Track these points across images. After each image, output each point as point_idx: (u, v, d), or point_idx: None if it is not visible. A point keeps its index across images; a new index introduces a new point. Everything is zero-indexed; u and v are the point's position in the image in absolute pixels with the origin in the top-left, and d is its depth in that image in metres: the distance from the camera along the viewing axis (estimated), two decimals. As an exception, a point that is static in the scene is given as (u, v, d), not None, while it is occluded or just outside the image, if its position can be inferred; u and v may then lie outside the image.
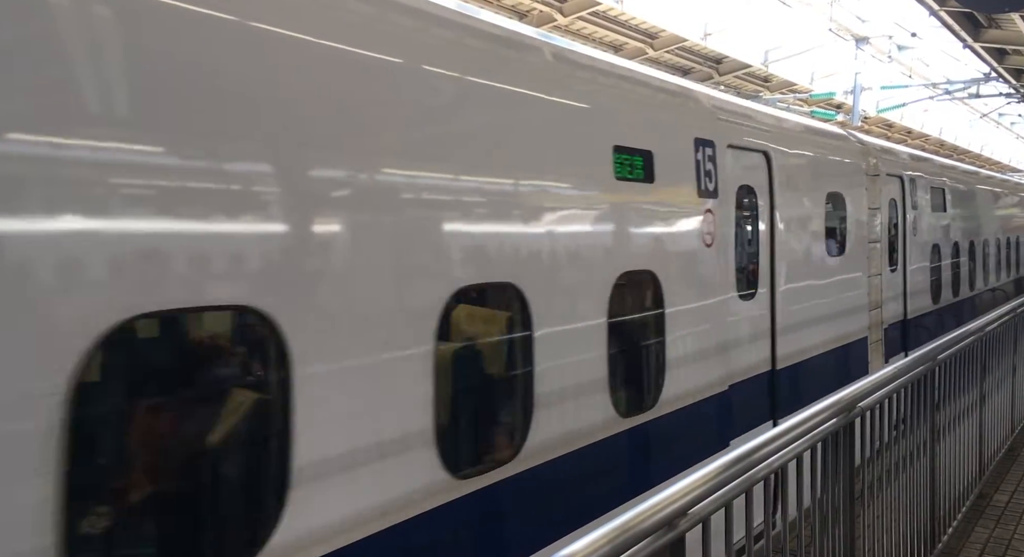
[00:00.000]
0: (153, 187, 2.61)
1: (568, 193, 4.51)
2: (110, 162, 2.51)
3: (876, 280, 9.07)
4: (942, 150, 38.09)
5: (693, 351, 5.62)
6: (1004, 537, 5.59)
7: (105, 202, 2.49)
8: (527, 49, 4.55)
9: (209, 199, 2.73)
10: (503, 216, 3.98)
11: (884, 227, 9.34)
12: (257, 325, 2.84)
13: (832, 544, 3.57)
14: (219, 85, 2.78)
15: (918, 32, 24.37)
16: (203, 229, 2.73)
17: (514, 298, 3.97)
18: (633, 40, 22.41)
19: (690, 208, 5.66)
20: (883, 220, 9.29)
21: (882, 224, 9.26)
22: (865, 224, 8.84)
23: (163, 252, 2.60)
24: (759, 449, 2.87)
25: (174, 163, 2.64)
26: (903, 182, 10.07)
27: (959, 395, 5.57)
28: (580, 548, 1.97)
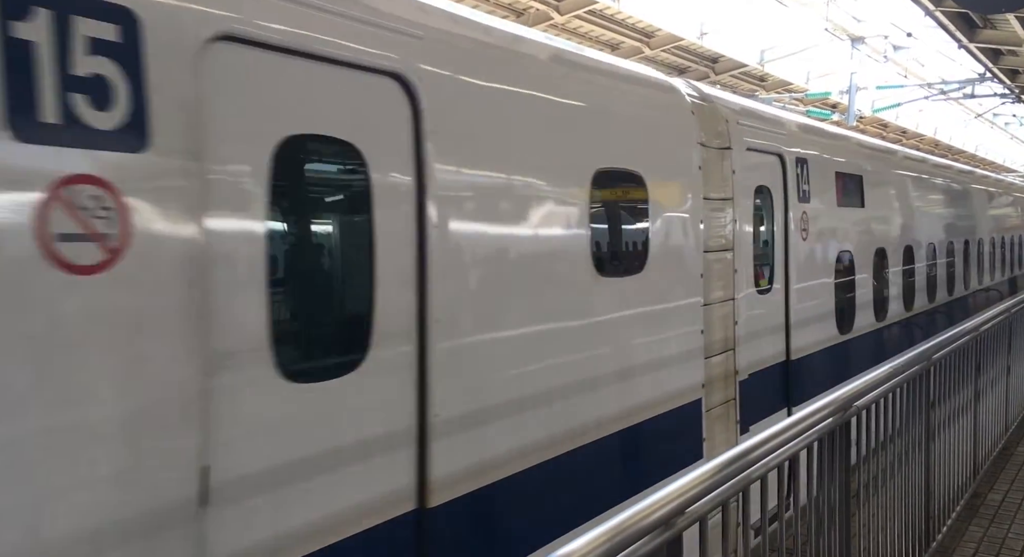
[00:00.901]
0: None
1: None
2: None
3: (723, 309, 6.03)
4: (936, 150, 38.18)
5: None
6: (998, 536, 5.61)
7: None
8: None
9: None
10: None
11: (744, 228, 6.34)
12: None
13: (828, 542, 3.58)
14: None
15: (913, 32, 24.44)
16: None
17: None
18: (629, 39, 22.43)
19: None
20: (740, 218, 6.25)
21: (739, 224, 6.23)
22: (698, 224, 5.72)
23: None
24: (756, 448, 2.87)
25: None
26: (784, 164, 7.08)
27: (953, 394, 5.59)
28: (578, 547, 1.98)
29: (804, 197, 7.47)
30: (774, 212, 7.06)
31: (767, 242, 7.04)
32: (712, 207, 5.94)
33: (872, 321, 9.22)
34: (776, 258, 7.08)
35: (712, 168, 5.99)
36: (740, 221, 6.30)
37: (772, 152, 7.00)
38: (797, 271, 7.26)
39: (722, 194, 6.12)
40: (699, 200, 5.77)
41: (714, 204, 5.99)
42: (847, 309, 8.51)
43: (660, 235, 5.36)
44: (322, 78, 3.22)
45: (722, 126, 6.19)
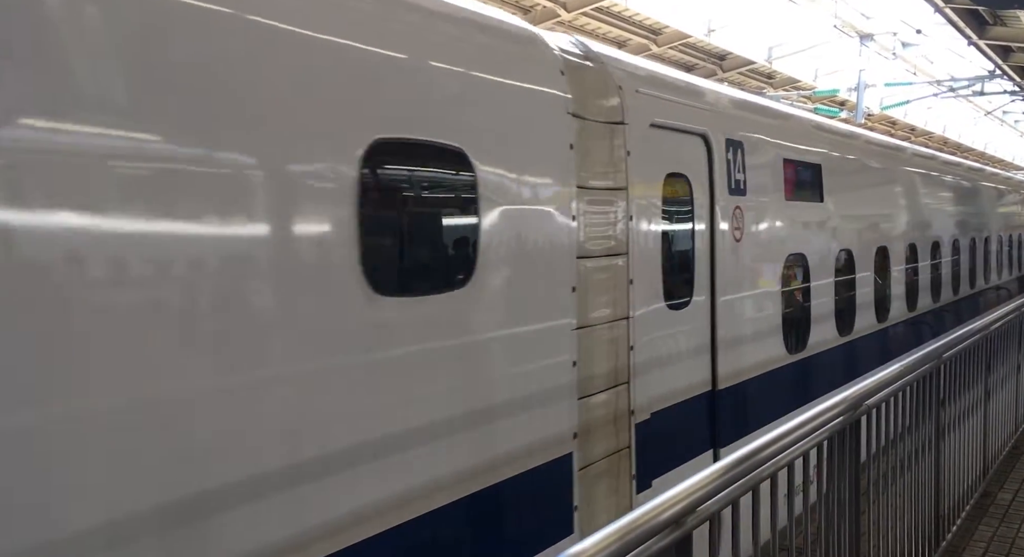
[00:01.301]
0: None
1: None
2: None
3: (612, 331, 4.69)
4: (945, 147, 38.03)
5: None
6: (1008, 536, 5.59)
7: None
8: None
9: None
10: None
11: (646, 226, 5.01)
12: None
13: (838, 541, 3.57)
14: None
15: (923, 29, 24.32)
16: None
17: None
18: (637, 36, 22.39)
19: None
20: (640, 213, 4.92)
21: (638, 220, 4.89)
22: (568, 220, 4.38)
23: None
24: (766, 447, 2.86)
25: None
26: (709, 146, 5.72)
27: (963, 393, 5.56)
28: (589, 546, 1.97)
29: (738, 188, 6.02)
30: (695, 206, 5.58)
31: (684, 244, 5.56)
32: (593, 199, 4.52)
33: (835, 335, 7.83)
34: (698, 264, 5.61)
35: (593, 148, 4.57)
36: (639, 217, 4.88)
37: (692, 131, 5.57)
38: (727, 279, 5.84)
39: (609, 182, 4.68)
40: (570, 189, 4.32)
41: (596, 195, 4.56)
42: (800, 323, 7.16)
43: (497, 235, 3.85)
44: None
45: (613, 94, 4.80)
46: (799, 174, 7.24)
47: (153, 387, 2.48)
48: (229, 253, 2.72)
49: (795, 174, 7.13)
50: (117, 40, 2.47)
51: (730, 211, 5.93)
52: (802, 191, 7.29)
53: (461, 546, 3.69)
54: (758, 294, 6.44)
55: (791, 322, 6.94)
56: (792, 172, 7.06)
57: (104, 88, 2.42)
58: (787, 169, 6.96)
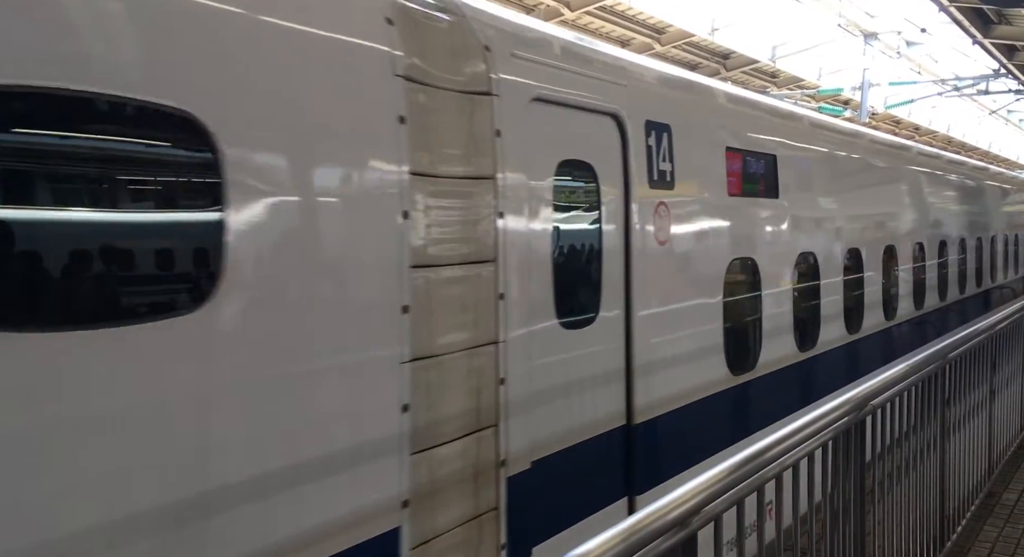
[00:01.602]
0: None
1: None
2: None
3: (471, 361, 3.73)
4: (950, 147, 37.96)
5: None
6: (1013, 536, 5.57)
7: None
8: None
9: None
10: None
11: (527, 226, 4.08)
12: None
13: (843, 540, 3.56)
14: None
15: (928, 28, 24.27)
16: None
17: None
18: (640, 35, 22.37)
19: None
20: (518, 209, 4.00)
21: (513, 219, 3.96)
22: (394, 217, 3.40)
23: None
24: (771, 448, 2.85)
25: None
26: (623, 129, 4.76)
27: (968, 393, 5.55)
28: (594, 547, 1.96)
29: (662, 181, 5.08)
30: (603, 202, 4.59)
31: (586, 248, 4.61)
32: (439, 190, 3.50)
33: (793, 351, 6.86)
34: (607, 271, 4.61)
35: (442, 124, 3.55)
36: (516, 214, 3.92)
37: (598, 110, 4.60)
38: (648, 290, 4.89)
39: (468, 169, 3.67)
40: (397, 176, 3.29)
41: (445, 185, 3.54)
42: (748, 339, 6.24)
43: (260, 238, 2.84)
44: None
45: (476, 57, 3.81)
46: (748, 166, 6.21)
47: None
48: None
49: (742, 166, 6.12)
50: None
51: (652, 208, 4.97)
52: (752, 186, 6.27)
53: None
54: (691, 307, 5.44)
55: (736, 338, 5.97)
56: (738, 163, 6.05)
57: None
58: (731, 160, 5.95)
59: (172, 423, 2.54)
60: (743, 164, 6.15)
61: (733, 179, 5.98)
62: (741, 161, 6.12)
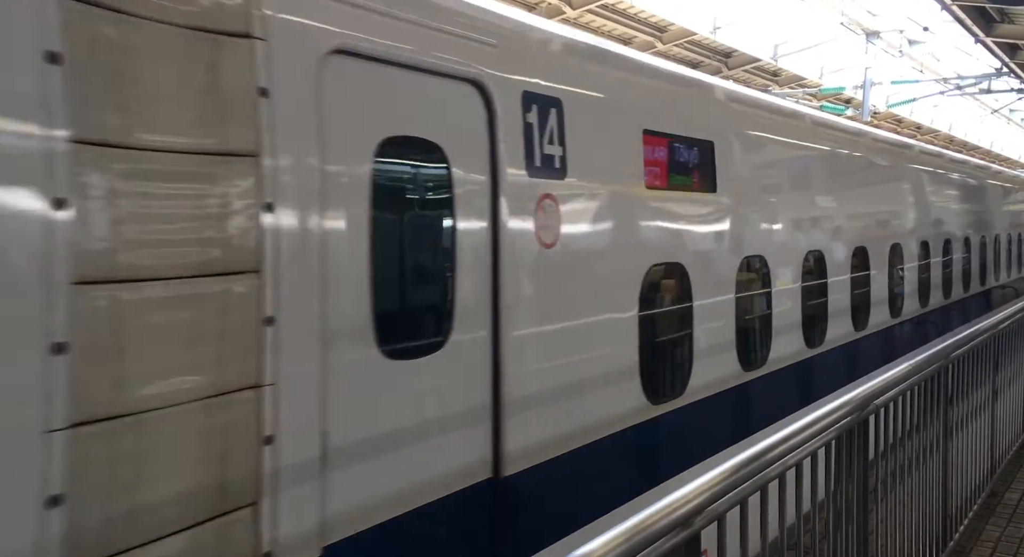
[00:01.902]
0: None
1: None
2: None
3: (211, 418, 2.65)
4: (951, 146, 37.93)
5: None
6: (1016, 536, 5.56)
7: None
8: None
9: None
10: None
11: (307, 223, 3.03)
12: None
13: (846, 539, 3.55)
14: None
15: (930, 26, 24.24)
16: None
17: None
18: (642, 34, 22.35)
19: None
20: (286, 200, 2.93)
21: (282, 213, 2.90)
22: (27, 205, 2.25)
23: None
24: (774, 447, 2.84)
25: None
26: (489, 100, 3.85)
27: (971, 392, 5.53)
28: (596, 547, 1.95)
29: (548, 169, 4.12)
30: (456, 194, 3.60)
31: (430, 251, 3.70)
32: (140, 169, 2.53)
33: (734, 370, 5.82)
34: (463, 283, 3.64)
35: (147, 72, 2.57)
36: (301, 208, 2.98)
37: (450, 74, 3.62)
38: (527, 304, 3.96)
39: (203, 140, 2.70)
40: (46, 144, 2.29)
41: (153, 162, 2.56)
42: (676, 359, 5.32)
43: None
44: None
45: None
46: (675, 154, 5.21)
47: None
48: None
49: (668, 153, 5.14)
50: None
51: (533, 201, 4.02)
52: (681, 178, 5.30)
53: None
54: (592, 324, 4.45)
55: (657, 359, 5.10)
56: (661, 150, 5.08)
57: None
58: (651, 146, 4.99)
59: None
60: (669, 152, 5.16)
61: (654, 169, 5.02)
62: (666, 148, 5.14)
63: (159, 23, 2.58)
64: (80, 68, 2.35)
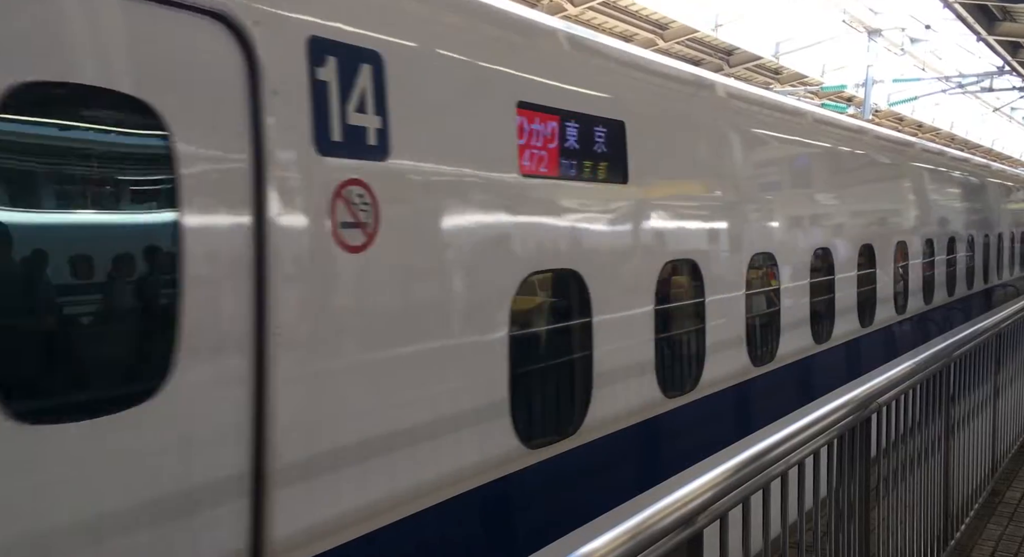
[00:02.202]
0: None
1: None
2: None
3: None
4: (952, 144, 37.90)
5: None
6: (1017, 534, 5.56)
7: None
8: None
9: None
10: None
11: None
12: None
13: (847, 537, 3.55)
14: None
15: (932, 24, 24.21)
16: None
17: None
18: (643, 31, 22.31)
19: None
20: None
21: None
22: None
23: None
24: (777, 446, 2.84)
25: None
26: (249, 45, 2.80)
27: (973, 391, 5.53)
28: (600, 545, 1.95)
29: (355, 145, 3.20)
30: (181, 177, 2.66)
31: (125, 262, 2.68)
32: None
33: (650, 398, 4.84)
34: (194, 304, 2.68)
35: None
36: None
37: (180, 2, 2.68)
38: (318, 330, 3.06)
39: None
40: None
41: None
42: (566, 388, 4.35)
43: None
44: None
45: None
46: (568, 135, 4.23)
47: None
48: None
49: (557, 134, 4.15)
50: None
51: (329, 190, 3.07)
52: (575, 163, 4.31)
53: None
54: (436, 352, 3.47)
55: (537, 389, 4.15)
56: (547, 129, 4.10)
57: None
58: (533, 123, 4.02)
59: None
60: (559, 131, 4.15)
61: (536, 152, 4.03)
62: (556, 127, 4.14)
63: None
64: None
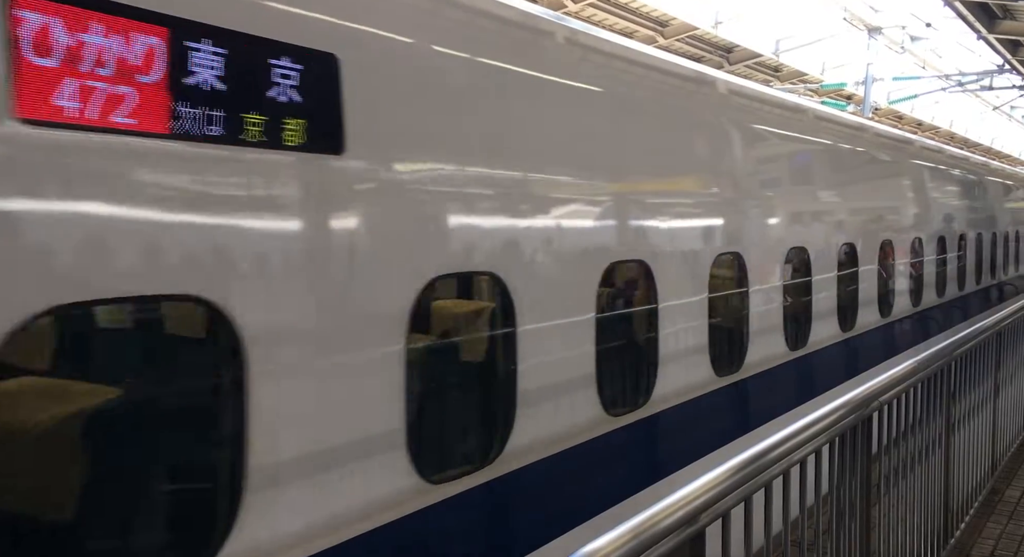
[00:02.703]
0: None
1: None
2: None
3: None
4: (952, 142, 37.89)
5: None
6: (1017, 533, 5.56)
7: None
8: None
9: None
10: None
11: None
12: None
13: (848, 535, 3.56)
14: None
15: (932, 23, 24.19)
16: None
17: None
18: (644, 28, 22.29)
19: None
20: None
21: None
22: None
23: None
24: (778, 446, 2.84)
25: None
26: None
27: (973, 390, 5.53)
28: (603, 544, 1.95)
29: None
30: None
31: None
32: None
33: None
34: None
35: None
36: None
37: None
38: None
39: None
40: None
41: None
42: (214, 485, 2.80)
43: None
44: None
45: None
46: (197, 62, 2.64)
47: None
48: None
49: (166, 59, 2.55)
50: None
51: None
52: (212, 117, 2.69)
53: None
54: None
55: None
56: (128, 47, 2.46)
57: None
58: (70, 31, 2.33)
59: None
60: (171, 56, 2.57)
61: (106, 89, 2.42)
62: (154, 47, 2.53)
63: None
64: None
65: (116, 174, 2.48)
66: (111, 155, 2.46)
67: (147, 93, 2.51)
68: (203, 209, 2.69)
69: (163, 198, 2.60)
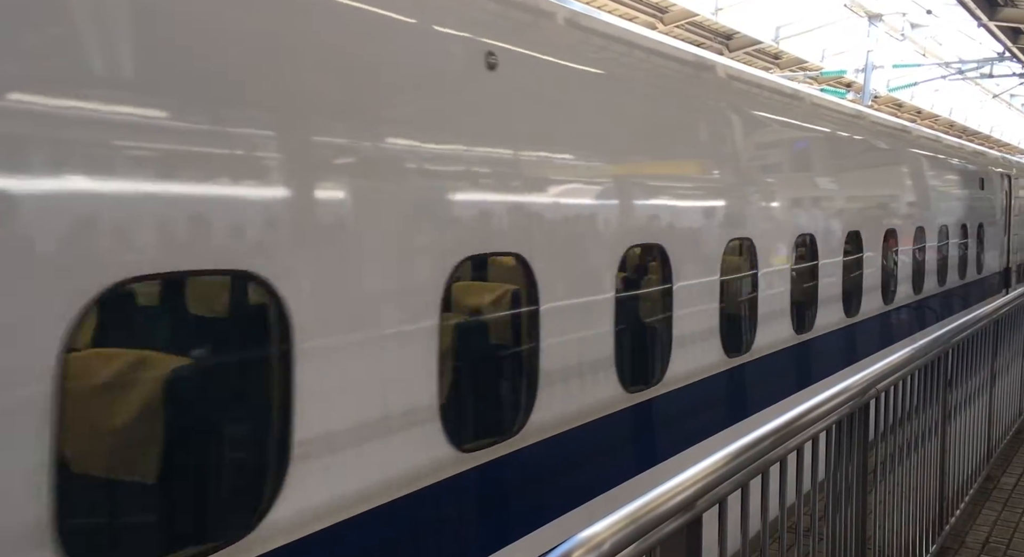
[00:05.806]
0: None
1: None
2: None
3: None
4: (951, 131, 37.83)
5: None
6: (1011, 520, 5.60)
7: None
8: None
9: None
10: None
11: None
12: None
13: (844, 521, 3.58)
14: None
15: (933, 10, 24.09)
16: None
17: None
18: (643, 14, 22.19)
19: None
20: None
21: None
22: None
23: None
24: (775, 433, 2.85)
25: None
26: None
27: (969, 377, 5.55)
28: (600, 530, 1.96)
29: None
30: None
31: None
32: None
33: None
34: None
35: None
36: None
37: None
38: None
39: None
40: None
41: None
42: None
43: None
44: None
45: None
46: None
47: None
48: None
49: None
50: None
51: None
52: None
53: None
54: None
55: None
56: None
57: None
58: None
59: None
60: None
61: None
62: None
63: None
64: None
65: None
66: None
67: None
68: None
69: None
